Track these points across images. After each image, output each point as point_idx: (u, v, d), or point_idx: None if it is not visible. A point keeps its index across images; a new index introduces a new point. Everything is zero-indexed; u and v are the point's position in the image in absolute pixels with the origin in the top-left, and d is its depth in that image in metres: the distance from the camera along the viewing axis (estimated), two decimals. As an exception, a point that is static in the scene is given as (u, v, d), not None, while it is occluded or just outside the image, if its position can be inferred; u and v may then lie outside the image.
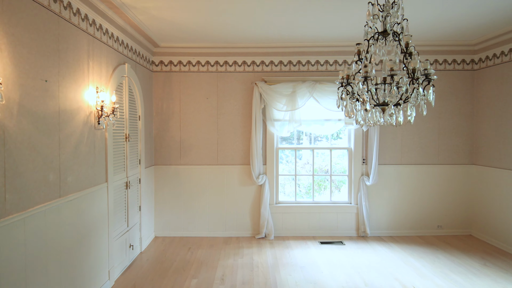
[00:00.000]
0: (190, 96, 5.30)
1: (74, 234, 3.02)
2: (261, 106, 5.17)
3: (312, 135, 5.57)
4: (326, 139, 5.70)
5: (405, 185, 5.38)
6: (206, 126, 5.32)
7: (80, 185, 3.12)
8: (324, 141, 5.75)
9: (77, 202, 3.06)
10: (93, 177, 3.37)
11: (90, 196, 3.30)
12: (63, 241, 2.84)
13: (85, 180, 3.22)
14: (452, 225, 5.43)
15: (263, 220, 5.24)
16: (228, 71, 5.28)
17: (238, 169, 5.35)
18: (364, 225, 5.29)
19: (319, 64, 5.27)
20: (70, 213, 2.96)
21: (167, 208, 5.36)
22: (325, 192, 6.50)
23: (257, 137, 5.15)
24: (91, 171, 3.33)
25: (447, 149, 5.38)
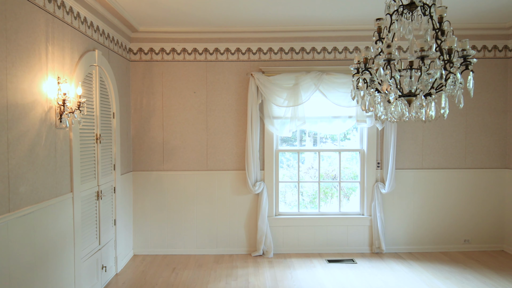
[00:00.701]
0: (175, 89, 5.02)
1: (28, 257, 2.73)
2: (258, 101, 4.90)
3: (318, 135, 5.30)
4: (332, 140, 5.44)
5: (427, 193, 5.13)
6: (194, 125, 5.04)
7: (36, 197, 2.83)
8: (329, 143, 5.47)
9: (32, 217, 2.77)
10: (54, 187, 3.08)
11: (51, 209, 3.01)
12: (13, 266, 2.55)
13: (44, 190, 2.93)
14: (481, 239, 5.17)
15: (261, 235, 4.96)
16: (219, 60, 5.01)
17: (231, 176, 5.07)
18: (379, 240, 5.03)
19: (326, 51, 5.02)
20: (23, 231, 2.67)
21: (148, 222, 5.07)
22: (332, 201, 6.23)
23: (253, 138, 4.88)
24: (52, 179, 3.04)
25: (475, 151, 5.13)
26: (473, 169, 5.13)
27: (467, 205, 5.15)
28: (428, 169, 5.12)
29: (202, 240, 5.10)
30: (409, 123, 5.05)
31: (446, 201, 5.14)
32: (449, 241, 5.16)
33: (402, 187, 5.11)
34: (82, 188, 3.57)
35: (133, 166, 5.05)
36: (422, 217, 5.14)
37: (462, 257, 4.94)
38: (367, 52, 2.44)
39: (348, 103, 4.87)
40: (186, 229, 5.09)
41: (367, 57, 2.39)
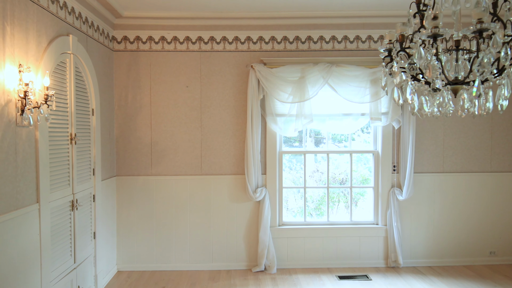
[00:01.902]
0: (165, 83, 4.52)
1: (-25, 288, 2.22)
2: (260, 97, 4.41)
3: (323, 134, 4.81)
4: (333, 140, 4.96)
5: (448, 199, 4.66)
6: (186, 123, 4.54)
7: (-12, 211, 2.32)
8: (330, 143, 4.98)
9: (-19, 237, 2.26)
10: (14, 197, 2.57)
11: (8, 225, 2.50)
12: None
13: (0, 201, 2.42)
14: (508, 251, 4.71)
15: (263, 248, 4.47)
16: (215, 50, 4.51)
17: (229, 181, 4.57)
18: (396, 253, 4.55)
19: (336, 40, 4.54)
20: (-31, 255, 2.16)
21: (134, 233, 4.56)
22: (338, 207, 5.75)
23: (254, 138, 4.39)
24: (10, 189, 2.54)
25: (502, 152, 4.67)
26: (499, 173, 4.68)
27: (493, 213, 4.69)
28: (449, 173, 4.66)
29: (195, 254, 4.60)
30: (428, 121, 4.58)
31: (470, 209, 4.68)
32: (473, 253, 4.70)
33: (421, 193, 4.64)
34: (52, 198, 3.06)
35: (117, 170, 4.54)
36: (443, 227, 4.67)
37: (489, 272, 4.48)
38: (403, 27, 1.96)
39: (360, 99, 4.39)
40: (178, 242, 4.58)
41: (404, 33, 1.91)
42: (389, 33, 1.99)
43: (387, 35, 1.99)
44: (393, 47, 1.96)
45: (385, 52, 2.02)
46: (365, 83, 4.40)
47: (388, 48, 1.98)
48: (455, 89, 1.79)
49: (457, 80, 1.79)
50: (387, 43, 1.99)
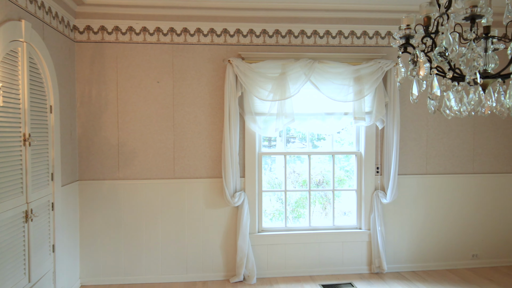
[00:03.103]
0: (133, 78, 4.15)
1: None
2: (238, 94, 4.14)
3: (305, 134, 4.60)
4: (304, 140, 4.76)
5: (431, 202, 4.57)
6: (158, 122, 4.20)
7: None
8: (297, 143, 4.78)
9: None
10: (-50, 211, 2.17)
11: None
12: None
13: None
14: (490, 253, 4.69)
15: (242, 256, 4.20)
16: (189, 42, 4.19)
17: (204, 185, 4.27)
18: (380, 258, 4.41)
19: (318, 35, 4.33)
20: None
21: (100, 244, 4.17)
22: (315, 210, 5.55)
23: (232, 139, 4.11)
24: None
25: (485, 153, 4.64)
26: (482, 174, 4.64)
27: (475, 215, 4.65)
28: (432, 175, 4.57)
29: (168, 265, 4.26)
30: (412, 121, 4.47)
31: (452, 211, 4.62)
32: (456, 256, 4.64)
33: (404, 195, 4.52)
34: (0, 209, 2.65)
35: (80, 174, 4.13)
36: (426, 230, 4.58)
37: (472, 275, 4.42)
38: (430, 8, 1.71)
39: (344, 97, 4.22)
40: (149, 252, 4.23)
41: (430, 15, 1.69)
42: (406, 17, 1.75)
43: (405, 19, 1.76)
44: (414, 32, 1.71)
45: (401, 40, 1.77)
46: (348, 81, 4.23)
47: (406, 34, 1.73)
48: (484, 84, 1.60)
49: (487, 73, 1.59)
50: (404, 28, 1.75)
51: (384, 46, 4.41)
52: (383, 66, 4.21)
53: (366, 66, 4.20)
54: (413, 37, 1.68)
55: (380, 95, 4.29)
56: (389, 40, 4.41)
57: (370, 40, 4.39)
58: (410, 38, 1.73)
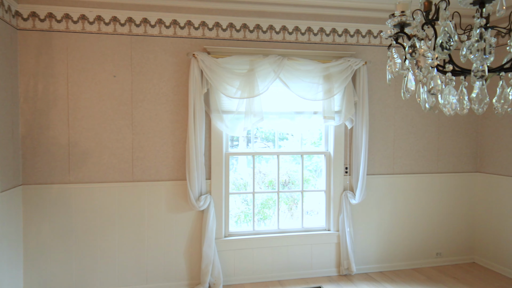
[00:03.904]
0: (86, 72, 3.77)
1: None
2: (203, 90, 3.89)
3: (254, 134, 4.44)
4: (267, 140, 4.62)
5: (398, 202, 4.59)
6: (114, 120, 3.85)
7: None
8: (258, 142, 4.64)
9: None
10: None
11: None
12: None
13: None
14: (453, 251, 4.80)
15: (207, 263, 3.96)
16: (150, 34, 3.88)
17: (167, 188, 3.98)
18: (348, 260, 4.36)
19: (287, 31, 4.18)
20: None
21: (48, 255, 3.75)
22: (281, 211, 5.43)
23: (197, 138, 3.86)
24: None
25: (448, 153, 4.72)
26: (445, 174, 4.73)
27: (439, 214, 4.73)
28: (399, 174, 4.59)
29: (126, 275, 3.93)
30: (379, 121, 4.46)
31: (418, 211, 4.66)
32: (421, 255, 4.69)
33: (372, 195, 4.50)
34: None
35: (24, 178, 3.69)
36: (393, 230, 4.59)
37: (436, 274, 4.49)
38: None
39: (313, 96, 4.10)
40: (104, 262, 3.87)
41: (431, 0, 1.54)
42: (401, 2, 1.58)
43: (399, 5, 1.59)
44: (411, 19, 1.55)
45: (394, 29, 1.61)
46: (318, 79, 4.12)
47: (400, 22, 1.56)
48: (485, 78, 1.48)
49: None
50: (399, 15, 1.58)
51: (353, 44, 4.35)
52: (352, 64, 4.15)
53: (336, 64, 4.11)
54: (408, 25, 1.54)
55: (349, 94, 4.22)
56: (358, 38, 4.36)
57: (339, 38, 4.31)
58: (406, 26, 1.57)
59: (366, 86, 4.24)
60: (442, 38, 1.43)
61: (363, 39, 4.38)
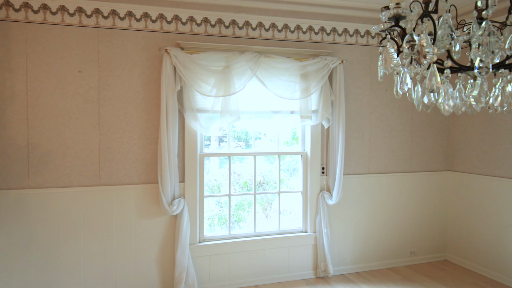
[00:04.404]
0: (48, 66, 3.48)
1: None
2: (177, 88, 3.69)
3: (226, 133, 4.31)
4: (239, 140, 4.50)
5: (373, 201, 4.59)
6: (79, 119, 3.57)
7: None
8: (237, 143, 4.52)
9: None
10: None
11: None
12: None
13: None
14: (426, 249, 4.87)
15: (181, 271, 3.77)
16: (119, 27, 3.64)
17: (137, 192, 3.75)
18: (325, 262, 4.30)
19: (263, 28, 4.07)
20: None
21: (5, 268, 3.42)
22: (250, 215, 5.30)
23: (169, 138, 3.66)
24: None
25: (421, 152, 4.79)
26: (418, 173, 4.79)
27: (413, 213, 4.79)
28: (374, 174, 4.59)
29: (93, 286, 3.65)
30: (355, 120, 4.44)
31: (392, 210, 4.69)
32: (396, 254, 4.72)
33: (349, 196, 4.48)
34: None
35: (-24, 183, 3.34)
36: (369, 230, 4.59)
37: (411, 272, 4.53)
38: None
39: (291, 95, 4.02)
40: (68, 273, 3.58)
41: None
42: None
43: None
44: (408, 11, 1.44)
45: (390, 22, 1.51)
46: (295, 77, 4.04)
47: (395, 14, 1.46)
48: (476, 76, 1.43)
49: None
50: (394, 7, 1.47)
51: (329, 42, 4.30)
52: (329, 63, 4.10)
53: (313, 62, 4.05)
54: (404, 18, 1.45)
55: (326, 93, 4.17)
56: (334, 37, 4.32)
57: (316, 36, 4.25)
58: (401, 19, 1.48)
59: (343, 85, 4.20)
60: (443, 31, 1.35)
61: (339, 38, 4.34)
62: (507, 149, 4.17)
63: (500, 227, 4.25)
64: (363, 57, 4.45)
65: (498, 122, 4.27)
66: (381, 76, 1.73)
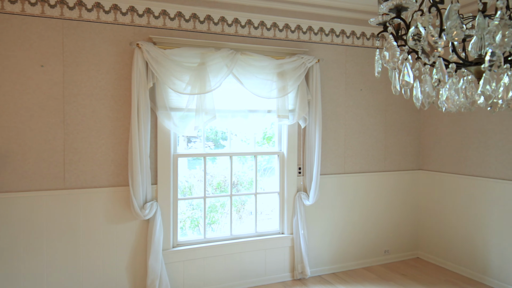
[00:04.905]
0: (6, 60, 3.19)
1: None
2: (149, 85, 3.51)
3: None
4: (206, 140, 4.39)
5: (349, 201, 4.59)
6: (42, 117, 3.30)
7: None
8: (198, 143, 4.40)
9: None
10: None
11: None
12: None
13: None
14: (399, 247, 4.93)
15: (153, 278, 3.57)
16: (86, 19, 3.40)
17: (106, 195, 3.52)
18: (302, 263, 4.24)
19: (239, 24, 3.95)
20: None
21: (-46, 282, 3.09)
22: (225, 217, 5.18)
23: (141, 138, 3.46)
24: None
25: (395, 152, 4.85)
26: (392, 172, 4.84)
27: (387, 212, 4.83)
28: (350, 174, 4.59)
29: (57, 299, 3.39)
30: (331, 120, 4.42)
31: (367, 209, 4.71)
32: (371, 253, 4.75)
33: (325, 196, 4.44)
34: None
35: None
36: (344, 230, 4.59)
37: (386, 271, 4.56)
38: None
39: (268, 93, 3.93)
40: (29, 283, 3.30)
41: None
42: None
43: None
44: (411, 1, 1.36)
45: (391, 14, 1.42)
46: (272, 76, 3.95)
47: (397, 5, 1.37)
48: (478, 71, 1.38)
49: (481, 59, 1.38)
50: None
51: (306, 41, 4.26)
52: (306, 62, 4.05)
53: (290, 61, 3.98)
54: (406, 9, 1.38)
55: (302, 93, 4.11)
56: (310, 35, 4.28)
57: (292, 34, 4.19)
58: (403, 10, 1.41)
59: (319, 85, 4.17)
60: (453, 22, 1.29)
61: (315, 37, 4.30)
62: (476, 148, 4.28)
63: (470, 225, 4.36)
64: (338, 56, 4.44)
65: (468, 122, 4.38)
66: (378, 72, 1.67)
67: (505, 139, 3.99)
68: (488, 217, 4.16)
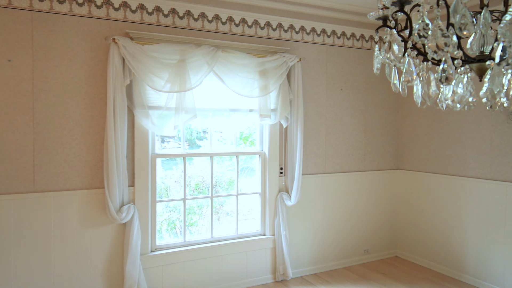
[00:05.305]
0: (-32, 52, 2.95)
1: None
2: (126, 82, 3.34)
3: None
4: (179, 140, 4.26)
5: (329, 201, 4.57)
6: (9, 115, 3.08)
7: None
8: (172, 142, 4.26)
9: None
10: None
11: None
12: None
13: None
14: (378, 247, 4.97)
15: (131, 284, 3.41)
16: (57, 11, 3.20)
17: (79, 198, 3.33)
18: (284, 265, 4.18)
19: (220, 21, 3.84)
20: None
21: None
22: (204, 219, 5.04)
23: (117, 137, 3.29)
24: None
25: (374, 151, 4.87)
26: (371, 171, 4.87)
27: (366, 211, 4.85)
28: (330, 174, 4.57)
29: (26, 310, 3.17)
30: (312, 119, 4.38)
31: (347, 209, 4.72)
32: (351, 253, 4.75)
33: (307, 196, 4.40)
34: None
35: None
36: (325, 230, 4.57)
37: (366, 271, 4.58)
38: None
39: (249, 92, 3.84)
40: (-5, 296, 3.07)
41: None
42: None
43: None
44: None
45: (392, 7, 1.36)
46: (253, 74, 3.87)
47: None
48: (480, 69, 1.35)
49: (483, 56, 1.34)
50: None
51: (287, 40, 4.20)
52: (287, 60, 3.99)
53: (271, 59, 3.91)
54: (409, 3, 1.32)
55: (284, 92, 4.05)
56: (292, 34, 4.22)
57: (274, 33, 4.12)
58: (406, 4, 1.35)
59: (301, 84, 4.12)
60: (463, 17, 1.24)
61: (296, 35, 4.25)
62: (452, 147, 4.36)
63: (447, 223, 4.43)
64: (319, 55, 4.41)
65: (445, 122, 4.45)
66: (378, 68, 1.61)
67: (481, 139, 4.07)
68: (464, 215, 4.24)
